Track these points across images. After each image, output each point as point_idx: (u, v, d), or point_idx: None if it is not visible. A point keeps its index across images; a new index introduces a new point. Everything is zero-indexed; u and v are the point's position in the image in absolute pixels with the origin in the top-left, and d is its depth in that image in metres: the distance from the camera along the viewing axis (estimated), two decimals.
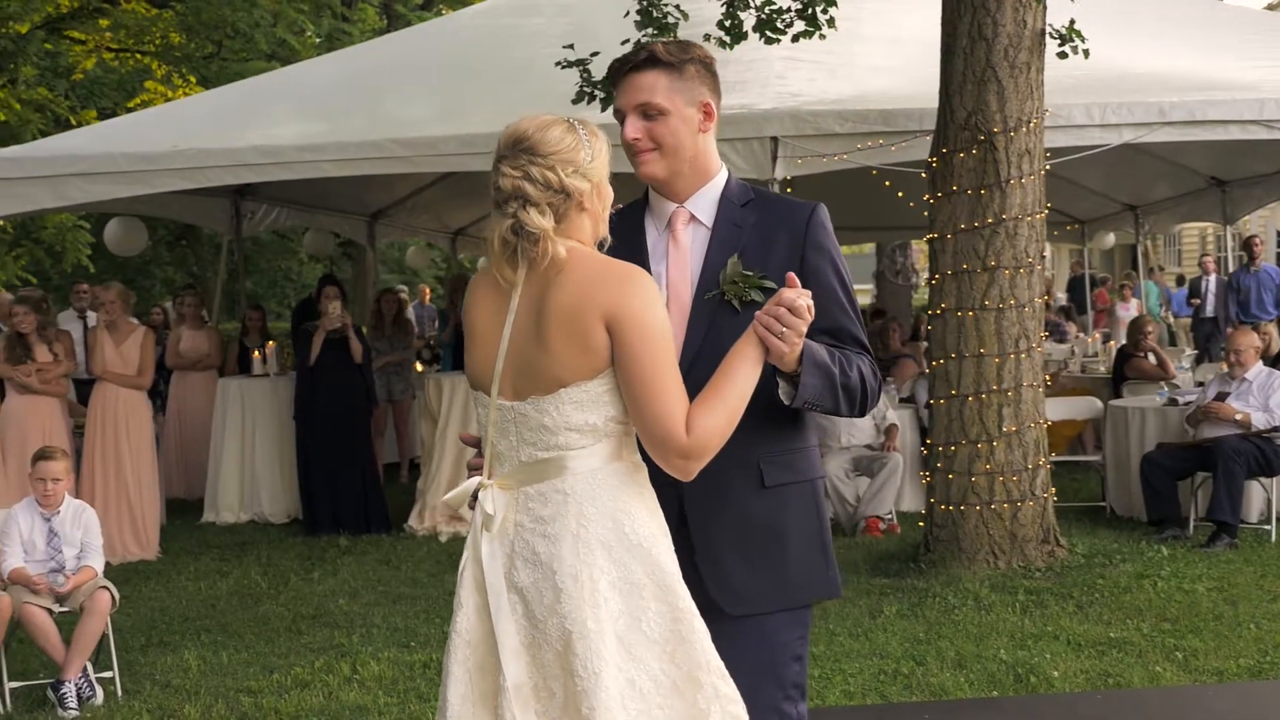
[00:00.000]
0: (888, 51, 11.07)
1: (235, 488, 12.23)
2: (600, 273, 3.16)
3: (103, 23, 19.66)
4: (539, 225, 3.15)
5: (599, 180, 3.25)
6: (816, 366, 3.33)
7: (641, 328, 3.10)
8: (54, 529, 7.44)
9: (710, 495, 3.46)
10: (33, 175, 10.37)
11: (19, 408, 10.39)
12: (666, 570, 3.18)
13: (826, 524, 3.63)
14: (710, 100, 3.56)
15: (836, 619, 7.96)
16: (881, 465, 10.66)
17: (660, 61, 3.52)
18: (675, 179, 3.57)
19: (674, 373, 3.13)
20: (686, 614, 3.17)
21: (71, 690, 7.03)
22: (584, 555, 3.13)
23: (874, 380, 3.54)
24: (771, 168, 9.67)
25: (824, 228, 3.60)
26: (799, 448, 3.57)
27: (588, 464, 3.18)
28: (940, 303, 8.91)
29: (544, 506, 3.20)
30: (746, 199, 3.63)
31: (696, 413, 3.11)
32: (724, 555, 3.50)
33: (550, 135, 3.21)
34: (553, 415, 3.16)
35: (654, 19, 8.69)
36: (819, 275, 3.52)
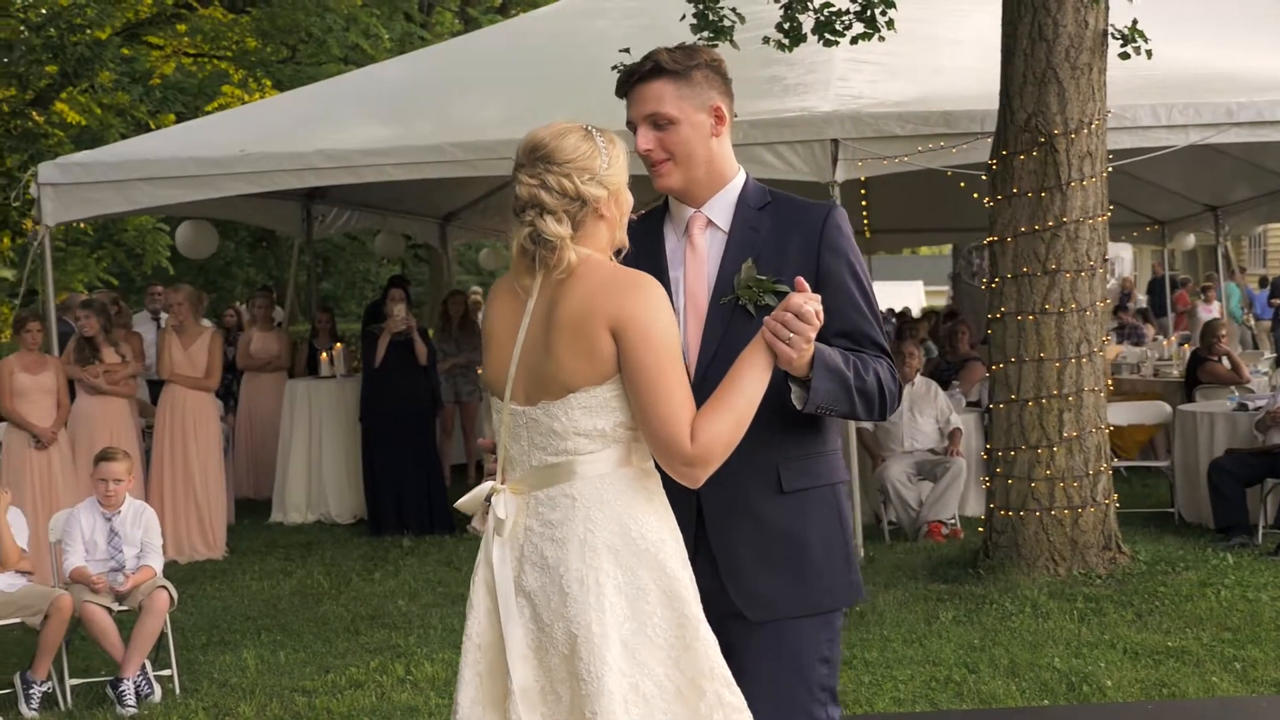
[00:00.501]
0: (953, 52, 10.97)
1: (302, 488, 12.35)
2: (607, 280, 3.18)
3: (180, 28, 19.92)
4: (555, 233, 3.18)
5: (616, 187, 3.26)
6: (829, 371, 3.32)
7: (646, 335, 3.11)
8: (115, 529, 7.55)
9: (728, 500, 3.47)
10: (102, 180, 10.55)
11: (88, 408, 10.57)
12: (673, 576, 3.19)
13: (849, 528, 3.61)
14: (721, 104, 3.54)
15: (892, 625, 7.91)
16: (945, 469, 10.58)
17: (666, 70, 3.51)
18: (691, 185, 3.57)
19: (680, 380, 3.14)
20: (692, 620, 3.18)
21: (130, 688, 7.14)
22: (590, 560, 3.16)
23: (893, 383, 3.53)
24: (832, 170, 9.63)
25: (840, 230, 3.56)
26: (819, 452, 3.56)
27: (596, 469, 3.21)
28: (1000, 306, 8.83)
29: (553, 511, 3.22)
30: (763, 202, 3.60)
31: (701, 420, 3.12)
32: (743, 561, 3.49)
33: (566, 143, 3.23)
34: (561, 420, 3.19)
35: (710, 22, 8.66)
36: (834, 278, 3.51)
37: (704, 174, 3.55)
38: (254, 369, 13.35)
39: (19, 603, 7.28)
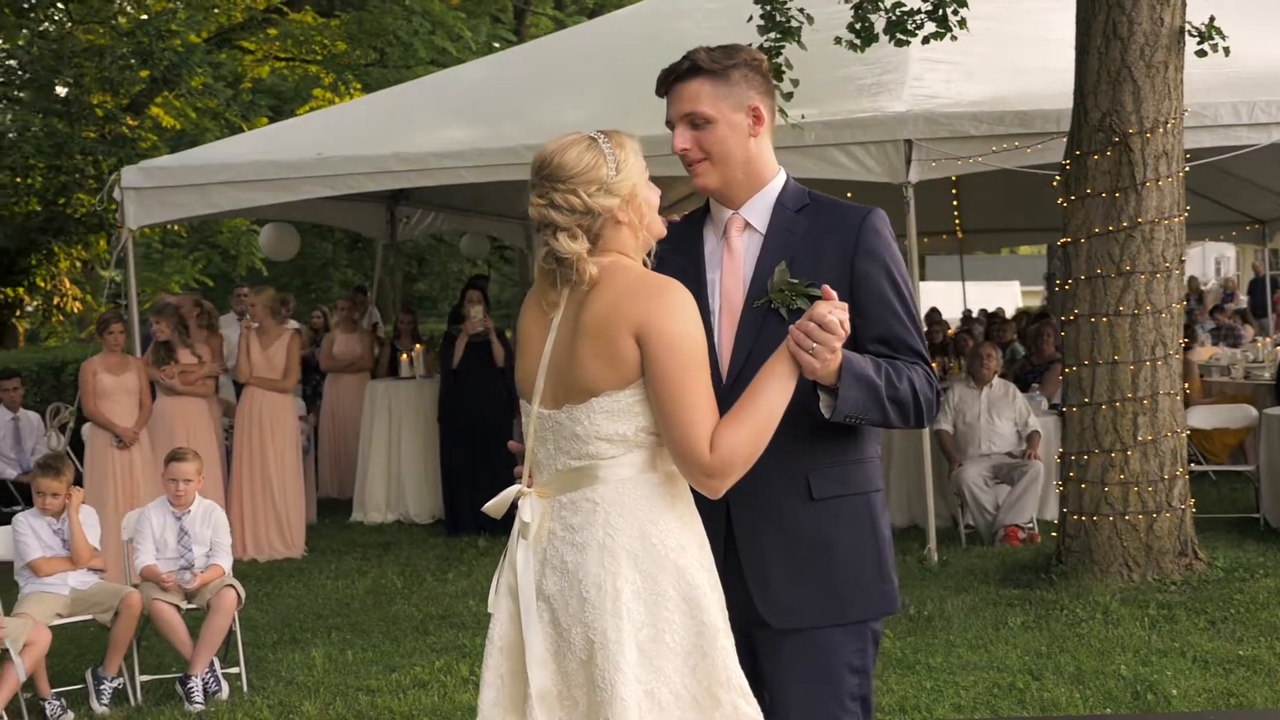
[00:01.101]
0: (1030, 51, 10.84)
1: (382, 488, 12.46)
2: (632, 286, 3.17)
3: (271, 32, 20.18)
4: (570, 251, 3.17)
5: (628, 192, 3.23)
6: (857, 379, 3.27)
7: (668, 341, 3.09)
8: (184, 528, 7.66)
9: (757, 507, 3.44)
10: (184, 184, 10.72)
11: (166, 409, 10.74)
12: (693, 583, 3.17)
13: (883, 538, 3.55)
14: (759, 104, 3.51)
15: (959, 630, 7.84)
16: (1022, 473, 10.45)
17: (703, 69, 3.47)
18: (729, 186, 3.53)
19: (703, 388, 3.11)
20: (710, 629, 3.15)
21: (198, 685, 7.24)
22: (609, 565, 3.15)
23: (930, 391, 3.46)
24: (905, 171, 9.57)
25: (876, 233, 3.50)
26: (854, 460, 3.50)
27: (619, 474, 3.19)
28: (1073, 308, 8.71)
29: (575, 515, 3.22)
30: (801, 204, 3.56)
31: (722, 430, 3.09)
32: (770, 568, 3.45)
33: (569, 158, 3.21)
34: (584, 424, 3.18)
35: (777, 23, 8.62)
36: (870, 282, 3.46)
37: (741, 174, 3.52)
38: (337, 370, 13.49)
39: (90, 599, 7.41)
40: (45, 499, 7.52)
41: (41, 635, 6.94)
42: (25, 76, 16.55)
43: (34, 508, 7.64)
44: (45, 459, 7.86)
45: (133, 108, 18.54)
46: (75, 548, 7.50)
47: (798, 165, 9.88)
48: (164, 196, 10.75)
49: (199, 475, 7.82)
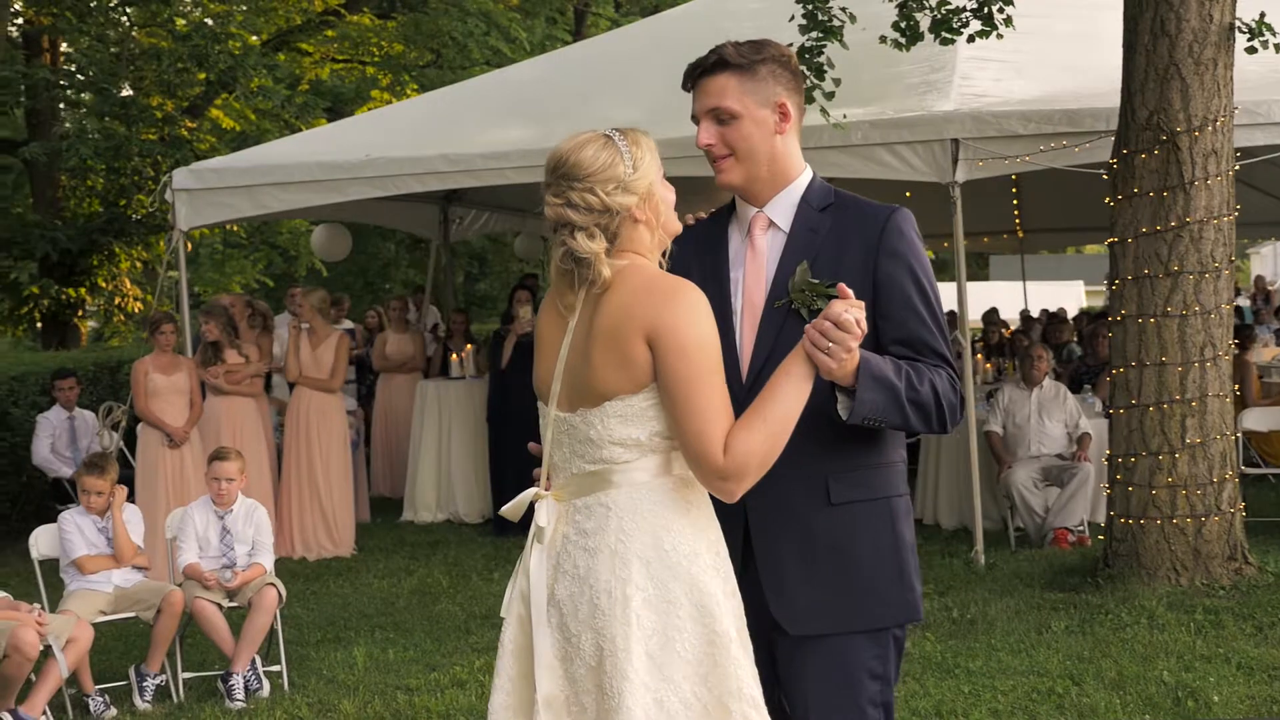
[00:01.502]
0: (1082, 49, 10.73)
1: (432, 488, 12.51)
2: (644, 288, 3.13)
3: (329, 34, 20.31)
4: (588, 250, 3.14)
5: (645, 190, 3.20)
6: (875, 381, 3.22)
7: (681, 344, 3.06)
8: (227, 526, 7.72)
9: (775, 510, 3.40)
10: (233, 185, 10.80)
11: (214, 408, 10.84)
12: (705, 590, 3.13)
13: (905, 543, 3.48)
14: (787, 100, 3.45)
15: (1001, 634, 7.77)
16: (1072, 475, 10.34)
17: (730, 63, 3.42)
18: (753, 184, 3.49)
19: (716, 390, 3.07)
20: (723, 637, 3.12)
21: (239, 682, 7.30)
22: (620, 571, 3.12)
23: (952, 395, 3.40)
24: (952, 171, 9.49)
25: (900, 233, 3.44)
26: (875, 464, 3.45)
27: (633, 478, 3.17)
28: (1120, 309, 8.61)
29: (588, 520, 3.20)
30: (826, 203, 3.51)
31: (735, 433, 3.05)
32: (787, 573, 3.41)
33: (585, 156, 3.18)
34: (598, 428, 3.16)
35: (819, 22, 8.57)
36: (893, 284, 3.41)
37: (766, 172, 3.47)
38: (390, 370, 13.56)
39: (134, 597, 7.49)
40: (90, 497, 7.61)
41: (84, 632, 7.01)
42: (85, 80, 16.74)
43: (79, 506, 7.72)
44: (90, 458, 7.95)
45: (192, 110, 18.70)
46: (119, 546, 7.58)
47: (843, 164, 9.85)
48: (214, 198, 10.85)
49: (241, 474, 7.87)
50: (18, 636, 6.53)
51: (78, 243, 17.70)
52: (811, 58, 8.48)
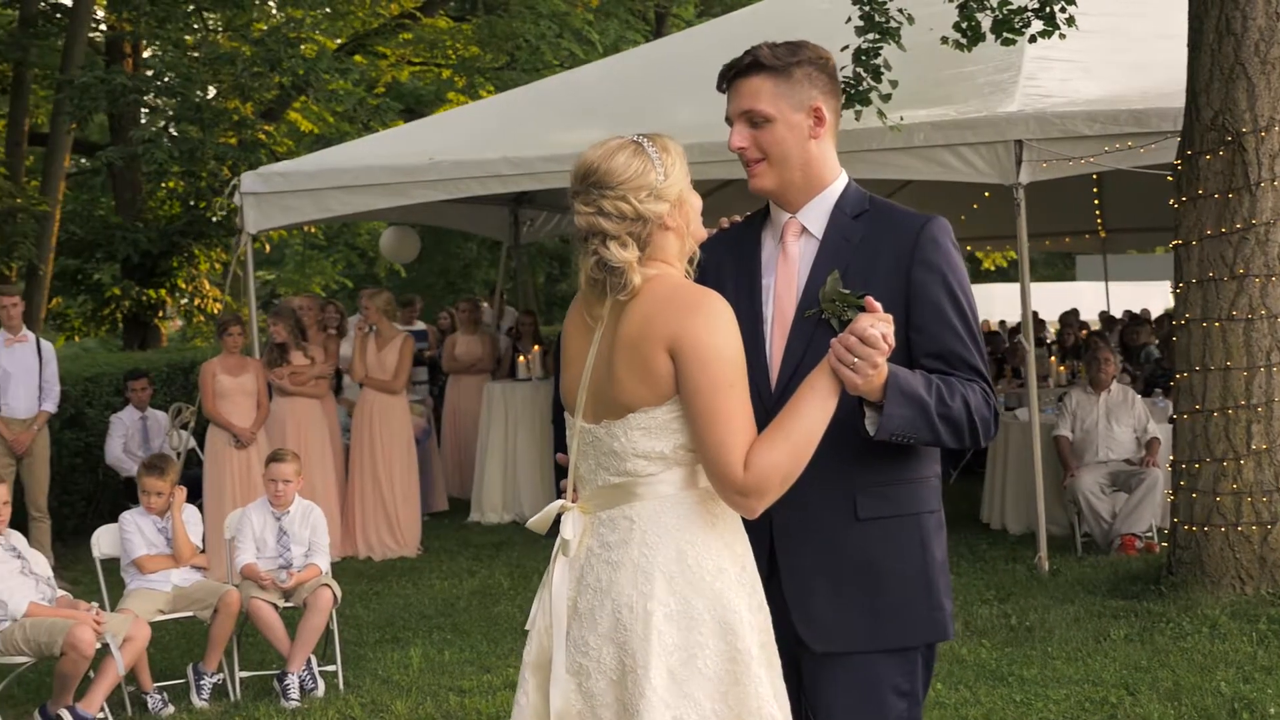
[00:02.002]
0: (1151, 47, 10.58)
1: (498, 489, 12.56)
2: (667, 298, 3.09)
3: (405, 36, 20.46)
4: (622, 259, 3.09)
5: (676, 197, 3.15)
6: (904, 396, 3.14)
7: (702, 356, 3.01)
8: (284, 527, 7.80)
9: (800, 525, 3.33)
10: (299, 189, 10.91)
11: (279, 409, 10.98)
12: (729, 607, 3.08)
13: (935, 561, 3.40)
14: (822, 104, 3.37)
15: (1058, 642, 7.68)
16: (1140, 481, 10.19)
17: (764, 65, 3.35)
18: (786, 189, 3.42)
19: (738, 404, 3.02)
20: (744, 655, 3.06)
21: (294, 682, 7.37)
22: (643, 586, 3.08)
23: (986, 409, 3.31)
24: (1016, 172, 9.39)
25: (935, 243, 3.36)
26: (906, 480, 3.37)
27: (657, 491, 3.12)
28: (1184, 313, 8.47)
29: (612, 533, 3.15)
30: (860, 210, 3.43)
31: (757, 448, 2.99)
32: (812, 589, 3.34)
33: (616, 164, 3.12)
34: (621, 440, 3.11)
35: (875, 24, 8.51)
36: (925, 295, 3.33)
37: (800, 177, 3.40)
38: (459, 371, 13.63)
39: (191, 597, 7.59)
40: (150, 498, 7.72)
41: (141, 630, 7.10)
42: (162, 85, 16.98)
43: (140, 506, 7.83)
44: (150, 459, 8.06)
45: (269, 114, 18.93)
46: (177, 546, 7.68)
47: (906, 166, 9.81)
48: (281, 201, 10.97)
49: (298, 476, 7.95)
50: (74, 635, 6.63)
51: (158, 245, 17.98)
52: (868, 59, 8.43)
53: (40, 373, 10.78)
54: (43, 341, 11.05)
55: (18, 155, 18.33)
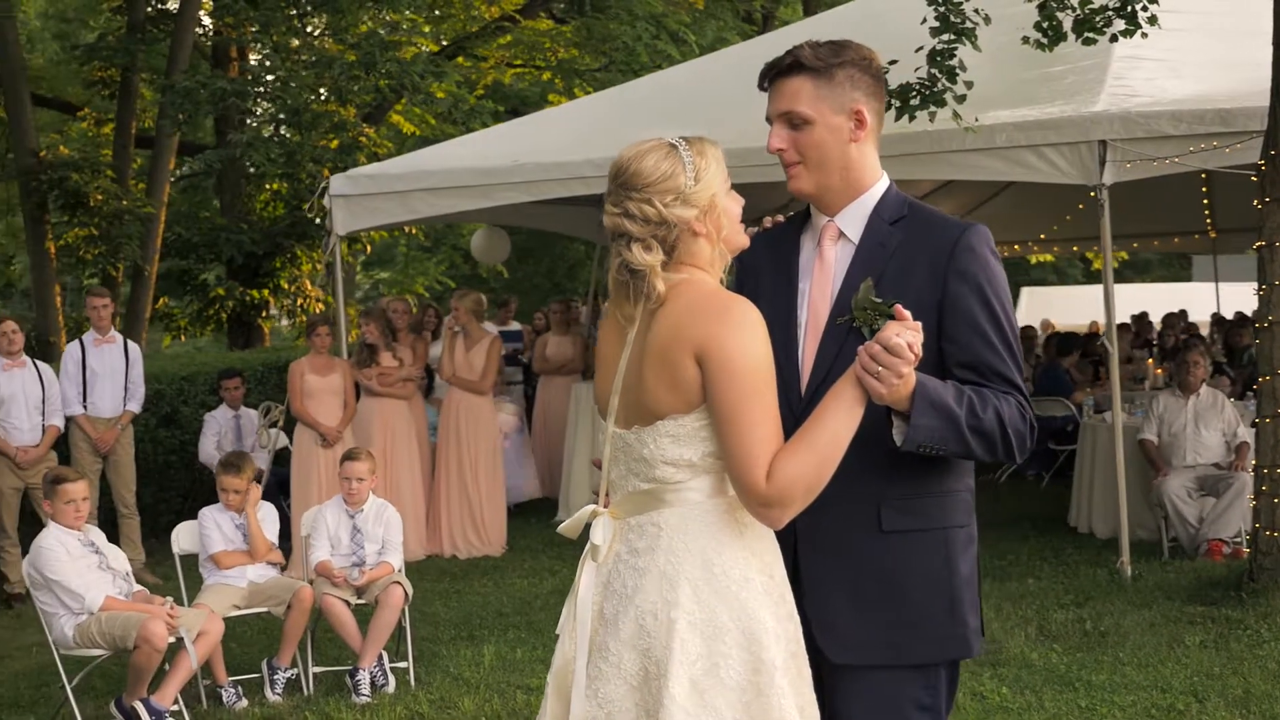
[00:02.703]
0: (1242, 45, 10.35)
1: (585, 489, 12.60)
2: (697, 305, 3.06)
3: (505, 39, 20.62)
4: (644, 262, 3.07)
5: (706, 203, 3.11)
6: (933, 407, 3.09)
7: (728, 365, 2.98)
8: (357, 526, 7.92)
9: (824, 534, 3.30)
10: (386, 191, 11.06)
11: (367, 409, 11.13)
12: (754, 617, 3.05)
13: (960, 577, 3.34)
14: (864, 106, 3.31)
15: (1132, 647, 7.59)
16: (1228, 485, 10.01)
17: (805, 66, 3.29)
18: (825, 193, 3.37)
19: (764, 413, 2.99)
20: (768, 666, 3.03)
21: (365, 678, 7.48)
22: (668, 594, 3.06)
23: (1021, 423, 3.23)
24: (1099, 173, 9.27)
25: (973, 253, 3.28)
26: (934, 493, 3.32)
27: (685, 498, 3.11)
28: (1268, 315, 8.32)
29: (640, 539, 3.14)
30: (898, 215, 3.36)
31: (780, 458, 2.97)
32: (831, 599, 3.30)
33: (645, 165, 3.10)
34: (650, 447, 3.10)
35: (951, 24, 8.43)
36: (959, 305, 3.25)
37: (838, 181, 3.35)
38: (549, 372, 13.71)
39: (266, 593, 7.73)
40: (228, 495, 7.88)
41: (214, 625, 7.25)
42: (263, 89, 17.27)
43: (219, 503, 7.99)
44: (227, 457, 8.22)
45: (371, 116, 19.17)
46: (253, 542, 7.83)
47: (987, 167, 9.72)
48: (368, 203, 11.12)
49: (372, 474, 8.07)
50: (147, 628, 6.79)
51: (262, 246, 18.28)
52: (943, 60, 8.37)
53: (127, 373, 11.02)
54: (130, 343, 11.29)
55: (125, 158, 18.75)
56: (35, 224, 17.87)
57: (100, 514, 10.93)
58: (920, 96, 8.36)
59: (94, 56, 18.61)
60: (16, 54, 18.07)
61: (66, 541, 7.18)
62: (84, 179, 16.84)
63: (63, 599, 7.03)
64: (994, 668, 7.33)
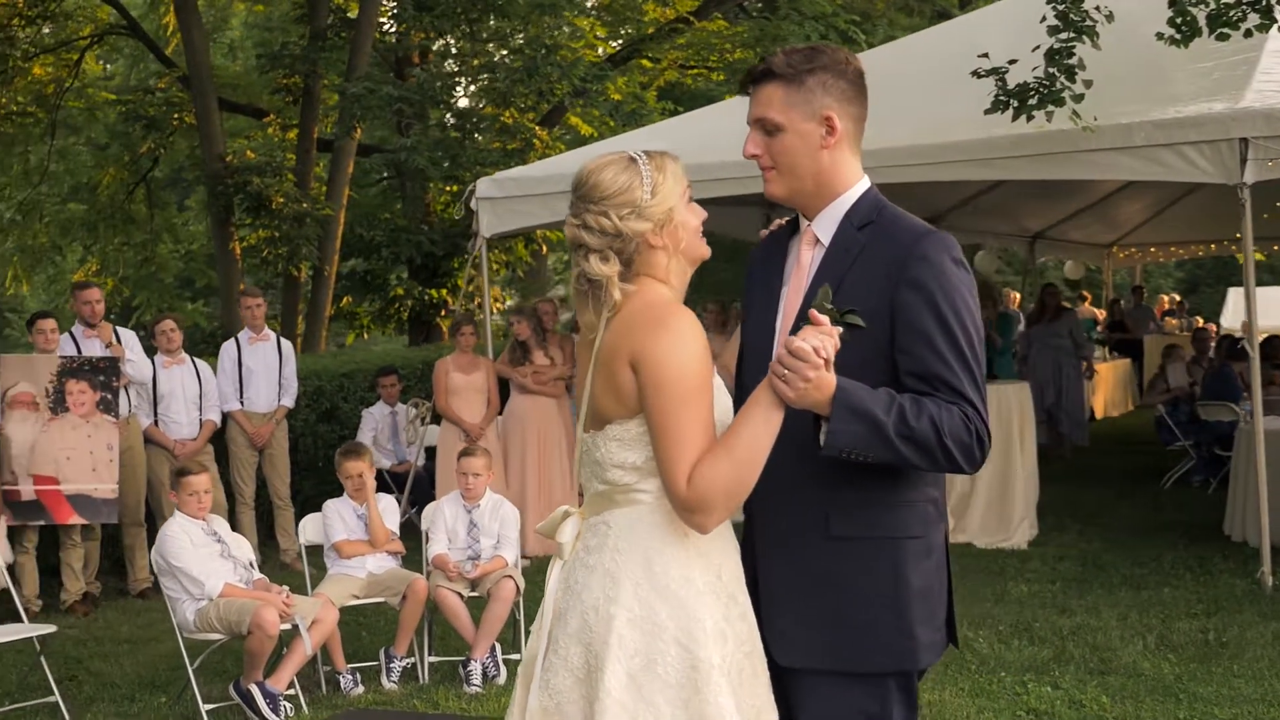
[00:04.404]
0: None
1: None
2: (635, 316, 3.14)
3: (680, 40, 20.73)
4: (599, 272, 3.16)
5: (661, 217, 3.18)
6: (853, 413, 3.05)
7: (658, 374, 3.05)
8: (474, 520, 8.13)
9: (776, 539, 3.32)
10: (528, 193, 11.26)
11: (518, 406, 11.37)
12: (693, 616, 3.10)
13: (909, 587, 3.27)
14: (835, 113, 3.30)
15: (1249, 660, 7.41)
16: None
17: (777, 74, 3.32)
18: (798, 197, 3.38)
19: (692, 421, 3.04)
20: (705, 664, 3.08)
21: (477, 669, 7.69)
22: (610, 590, 3.14)
23: (964, 432, 3.15)
24: (1240, 171, 9.02)
25: (926, 261, 3.21)
26: (884, 502, 3.27)
27: (634, 499, 3.19)
28: None
29: (593, 538, 3.24)
30: (866, 220, 3.33)
31: (700, 464, 3.01)
32: (779, 601, 3.31)
33: (603, 178, 3.20)
34: (602, 450, 3.21)
35: (1071, 22, 8.28)
36: (909, 315, 3.19)
37: (811, 185, 3.35)
38: None
39: (383, 583, 7.99)
40: (351, 481, 8.16)
41: (329, 613, 7.52)
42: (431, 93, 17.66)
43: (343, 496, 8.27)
44: (347, 446, 8.51)
45: (548, 119, 19.45)
46: (373, 531, 8.10)
47: (1126, 166, 9.54)
48: (512, 205, 11.33)
49: (488, 470, 8.28)
50: (260, 615, 7.08)
51: (441, 246, 18.70)
52: (1061, 59, 8.23)
53: (280, 370, 11.44)
54: (283, 340, 11.71)
55: (307, 162, 19.37)
56: (221, 226, 18.60)
57: (257, 505, 11.40)
58: (1038, 96, 8.24)
59: (277, 64, 19.27)
60: (205, 63, 18.84)
61: (190, 530, 7.53)
62: (265, 182, 17.46)
63: (185, 585, 7.38)
64: (1101, 676, 7.22)
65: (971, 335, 3.23)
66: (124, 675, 8.33)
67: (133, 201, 23.39)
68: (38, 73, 21.73)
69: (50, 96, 21.79)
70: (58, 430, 10.00)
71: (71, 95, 22.36)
